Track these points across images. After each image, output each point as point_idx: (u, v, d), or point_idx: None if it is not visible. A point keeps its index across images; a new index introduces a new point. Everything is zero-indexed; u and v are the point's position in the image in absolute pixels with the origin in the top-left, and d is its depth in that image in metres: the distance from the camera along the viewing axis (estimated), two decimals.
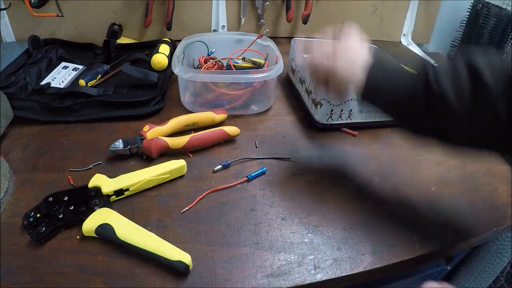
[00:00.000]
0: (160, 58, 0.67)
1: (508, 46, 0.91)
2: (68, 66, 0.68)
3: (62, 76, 0.65)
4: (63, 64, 0.68)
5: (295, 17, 0.89)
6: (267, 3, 0.87)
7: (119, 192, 0.43)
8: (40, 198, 0.40)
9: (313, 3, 0.86)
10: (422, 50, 1.02)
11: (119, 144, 0.49)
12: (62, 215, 0.39)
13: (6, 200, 0.42)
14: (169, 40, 0.75)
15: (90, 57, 0.73)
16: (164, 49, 0.70)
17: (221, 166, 0.49)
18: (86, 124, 0.56)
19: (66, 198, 0.41)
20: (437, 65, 0.36)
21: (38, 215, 0.38)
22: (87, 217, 0.39)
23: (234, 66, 0.63)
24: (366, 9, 0.98)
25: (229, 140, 0.55)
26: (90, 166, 0.48)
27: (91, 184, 0.42)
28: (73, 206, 0.40)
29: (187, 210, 0.43)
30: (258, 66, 0.65)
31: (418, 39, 1.06)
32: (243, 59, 0.66)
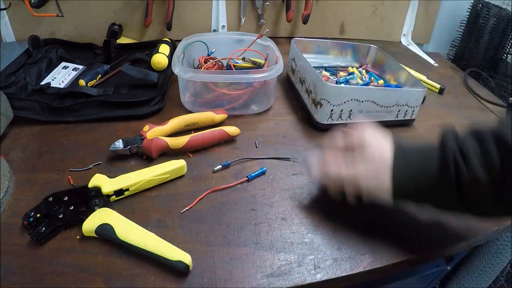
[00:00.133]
0: (160, 58, 0.67)
1: (508, 46, 0.92)
2: (68, 66, 0.68)
3: (62, 76, 0.65)
4: (63, 64, 0.68)
5: (295, 17, 0.89)
6: (267, 3, 0.88)
7: (119, 192, 0.43)
8: (40, 198, 0.40)
9: (313, 3, 0.86)
10: (422, 50, 1.02)
11: (119, 144, 0.49)
12: (62, 215, 0.39)
13: (6, 200, 0.42)
14: (169, 40, 0.75)
15: (90, 57, 0.73)
16: (164, 49, 0.70)
17: (221, 166, 0.49)
18: (86, 124, 0.56)
19: (66, 198, 0.41)
20: (460, 138, 0.34)
21: (38, 215, 0.38)
22: (87, 217, 0.39)
23: (234, 66, 0.63)
24: (366, 9, 0.98)
25: (229, 140, 0.55)
26: (90, 166, 0.48)
27: (91, 184, 0.42)
28: (73, 206, 0.40)
29: (187, 210, 0.43)
30: (258, 66, 0.65)
31: (418, 39, 1.06)
32: (243, 59, 0.66)
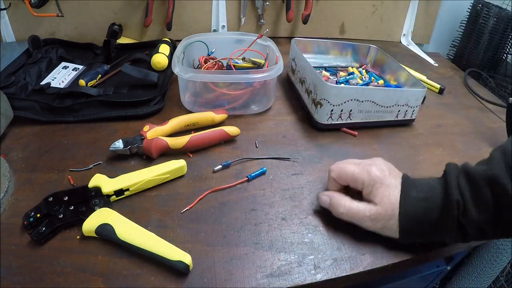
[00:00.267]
0: (160, 58, 0.67)
1: (508, 46, 0.92)
2: (68, 66, 0.68)
3: (62, 76, 0.65)
4: (63, 64, 0.68)
5: (295, 17, 0.89)
6: (267, 3, 0.87)
7: (119, 192, 0.43)
8: (40, 198, 0.40)
9: (313, 3, 0.86)
10: (422, 50, 1.02)
11: (119, 144, 0.49)
12: (62, 215, 0.39)
13: (6, 200, 0.42)
14: (169, 40, 0.75)
15: (90, 57, 0.73)
16: (164, 49, 0.70)
17: (221, 166, 0.49)
18: (86, 124, 0.56)
19: (66, 198, 0.41)
20: (461, 185, 0.36)
21: (38, 215, 0.38)
22: (87, 217, 0.39)
23: (234, 66, 0.63)
24: (366, 9, 0.98)
25: (229, 140, 0.55)
26: (90, 166, 0.48)
27: (91, 184, 0.42)
28: (73, 206, 0.40)
29: (187, 210, 0.43)
30: (258, 66, 0.65)
31: (418, 39, 1.07)
32: (243, 59, 0.66)
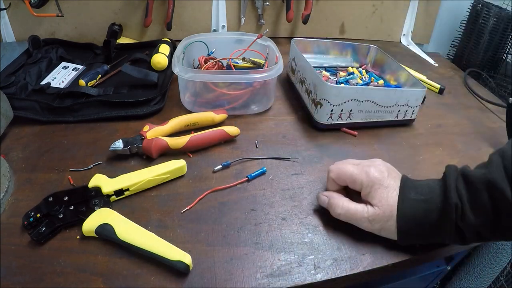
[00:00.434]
0: (160, 58, 0.67)
1: (508, 46, 0.92)
2: (68, 66, 0.68)
3: (62, 76, 0.65)
4: (63, 64, 0.68)
5: (295, 17, 0.89)
6: (267, 3, 0.87)
7: (119, 192, 0.43)
8: (40, 198, 0.40)
9: (313, 3, 0.86)
10: (422, 50, 1.02)
11: (119, 144, 0.49)
12: (62, 215, 0.39)
13: (6, 200, 0.42)
14: (169, 40, 0.75)
15: (90, 57, 0.73)
16: (164, 49, 0.70)
17: (221, 166, 0.49)
18: (86, 124, 0.56)
19: (66, 198, 0.41)
20: (460, 188, 0.36)
21: (38, 215, 0.38)
22: (87, 217, 0.39)
23: (234, 66, 0.63)
24: (366, 9, 0.98)
25: (229, 140, 0.55)
26: (90, 166, 0.48)
27: (91, 184, 0.42)
28: (73, 206, 0.40)
29: (187, 210, 0.43)
30: (258, 66, 0.65)
31: (418, 39, 1.07)
32: (243, 59, 0.66)
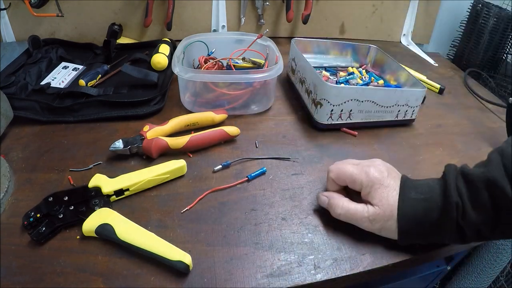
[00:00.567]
0: (160, 58, 0.67)
1: (508, 46, 0.92)
2: (68, 66, 0.68)
3: (62, 76, 0.65)
4: (63, 64, 0.68)
5: (295, 17, 0.89)
6: (267, 3, 0.87)
7: (119, 192, 0.43)
8: (40, 198, 0.40)
9: (313, 3, 0.86)
10: (422, 50, 1.02)
11: (119, 144, 0.49)
12: (62, 215, 0.39)
13: (6, 200, 0.42)
14: (169, 40, 0.75)
15: (90, 57, 0.73)
16: (164, 49, 0.70)
17: (221, 166, 0.49)
18: (86, 124, 0.56)
19: (66, 198, 0.41)
20: (460, 187, 0.36)
21: (38, 215, 0.38)
22: (87, 217, 0.39)
23: (234, 66, 0.63)
24: (366, 9, 0.98)
25: (229, 140, 0.55)
26: (90, 166, 0.48)
27: (91, 184, 0.42)
28: (73, 206, 0.40)
29: (187, 210, 0.43)
30: (258, 66, 0.65)
31: (418, 39, 1.07)
32: (243, 59, 0.66)
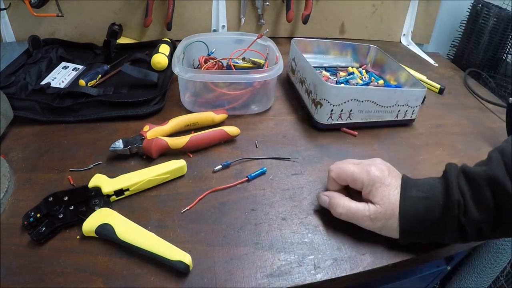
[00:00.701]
0: (160, 58, 0.67)
1: (508, 46, 0.92)
2: (68, 66, 0.68)
3: (62, 76, 0.65)
4: (63, 64, 0.68)
5: (295, 17, 0.89)
6: (267, 3, 0.87)
7: (119, 192, 0.43)
8: (40, 198, 0.40)
9: (313, 3, 0.86)
10: (422, 50, 1.02)
11: (119, 144, 0.49)
12: (62, 215, 0.39)
13: (6, 200, 0.42)
14: (169, 40, 0.75)
15: (90, 57, 0.73)
16: (164, 49, 0.70)
17: (221, 166, 0.49)
18: (86, 124, 0.56)
19: (66, 198, 0.41)
20: (462, 185, 0.36)
21: (38, 215, 0.38)
22: (87, 217, 0.39)
23: (234, 66, 0.63)
24: (366, 9, 0.98)
25: (229, 140, 0.55)
26: (90, 166, 0.48)
27: (91, 184, 0.42)
28: (73, 206, 0.40)
29: (187, 210, 0.43)
30: (258, 66, 0.65)
31: (418, 39, 1.07)
32: (243, 59, 0.66)
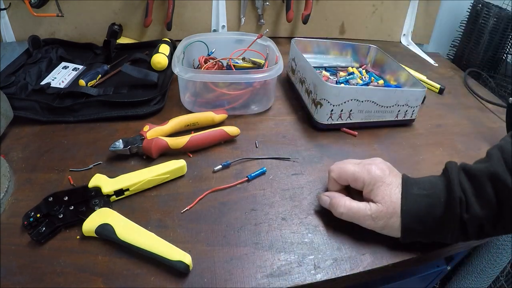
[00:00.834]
0: (160, 58, 0.67)
1: (508, 46, 0.92)
2: (68, 66, 0.68)
3: (62, 76, 0.65)
4: (63, 64, 0.68)
5: (295, 17, 0.89)
6: (267, 3, 0.87)
7: (119, 192, 0.43)
8: (40, 198, 0.40)
9: (313, 3, 0.86)
10: (422, 50, 1.02)
11: (119, 144, 0.49)
12: (62, 215, 0.39)
13: (6, 200, 0.42)
14: (169, 40, 0.75)
15: (90, 57, 0.73)
16: (164, 49, 0.70)
17: (221, 166, 0.49)
18: (86, 124, 0.56)
19: (66, 198, 0.41)
20: (463, 182, 0.36)
21: (38, 215, 0.38)
22: (87, 217, 0.39)
23: (234, 66, 0.63)
24: (366, 9, 0.98)
25: (229, 140, 0.55)
26: (90, 166, 0.48)
27: (91, 184, 0.42)
28: (73, 206, 0.40)
29: (187, 210, 0.43)
30: (258, 66, 0.65)
31: (418, 39, 1.07)
32: (243, 59, 0.66)
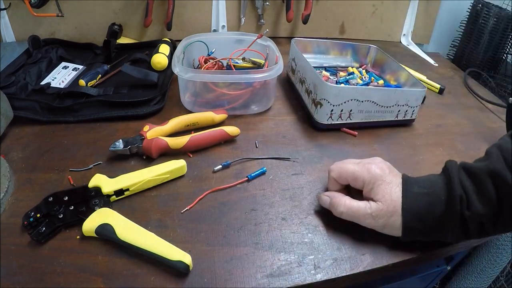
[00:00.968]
0: (160, 58, 0.67)
1: (508, 46, 0.92)
2: (68, 66, 0.68)
3: (62, 76, 0.65)
4: (63, 64, 0.68)
5: (295, 17, 0.89)
6: (267, 3, 0.88)
7: (119, 192, 0.43)
8: (40, 198, 0.40)
9: (313, 3, 0.86)
10: (422, 50, 1.02)
11: (119, 144, 0.49)
12: (62, 215, 0.39)
13: (6, 200, 0.42)
14: (169, 40, 0.75)
15: (90, 57, 0.73)
16: (164, 49, 0.70)
17: (221, 166, 0.49)
18: (86, 124, 0.56)
19: (66, 198, 0.41)
20: (463, 180, 0.36)
21: (38, 215, 0.38)
22: (87, 217, 0.39)
23: (234, 66, 0.63)
24: (366, 9, 0.98)
25: (229, 140, 0.55)
26: (90, 166, 0.48)
27: (91, 184, 0.42)
28: (73, 206, 0.40)
29: (187, 210, 0.43)
30: (258, 66, 0.65)
31: (418, 39, 1.07)
32: (243, 59, 0.66)
